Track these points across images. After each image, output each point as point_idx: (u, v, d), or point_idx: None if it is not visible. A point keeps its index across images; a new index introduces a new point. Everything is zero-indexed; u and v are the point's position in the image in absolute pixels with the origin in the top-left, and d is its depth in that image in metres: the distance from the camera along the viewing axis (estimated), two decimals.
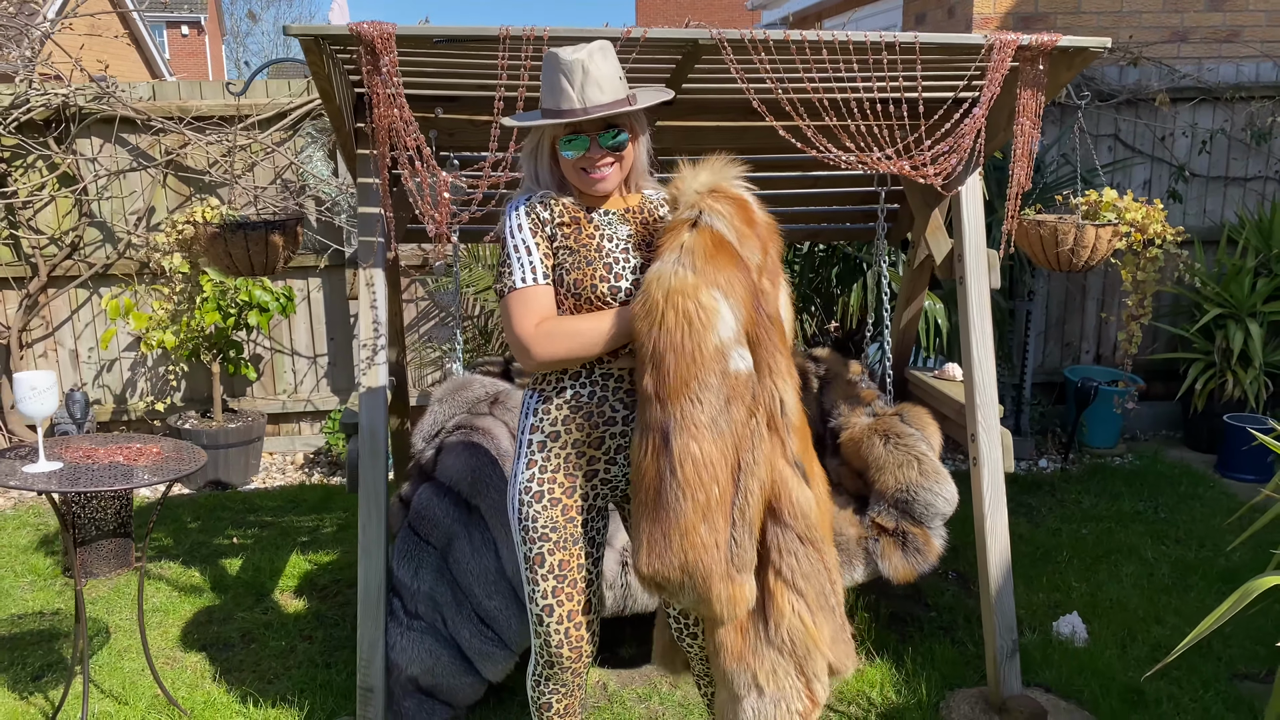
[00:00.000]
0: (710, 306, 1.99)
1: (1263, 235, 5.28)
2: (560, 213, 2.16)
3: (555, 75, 2.08)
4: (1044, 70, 2.76)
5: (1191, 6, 5.94)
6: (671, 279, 2.00)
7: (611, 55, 2.12)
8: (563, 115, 2.08)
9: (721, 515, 1.99)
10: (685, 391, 1.98)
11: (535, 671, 2.34)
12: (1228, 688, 3.19)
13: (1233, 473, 5.04)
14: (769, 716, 2.07)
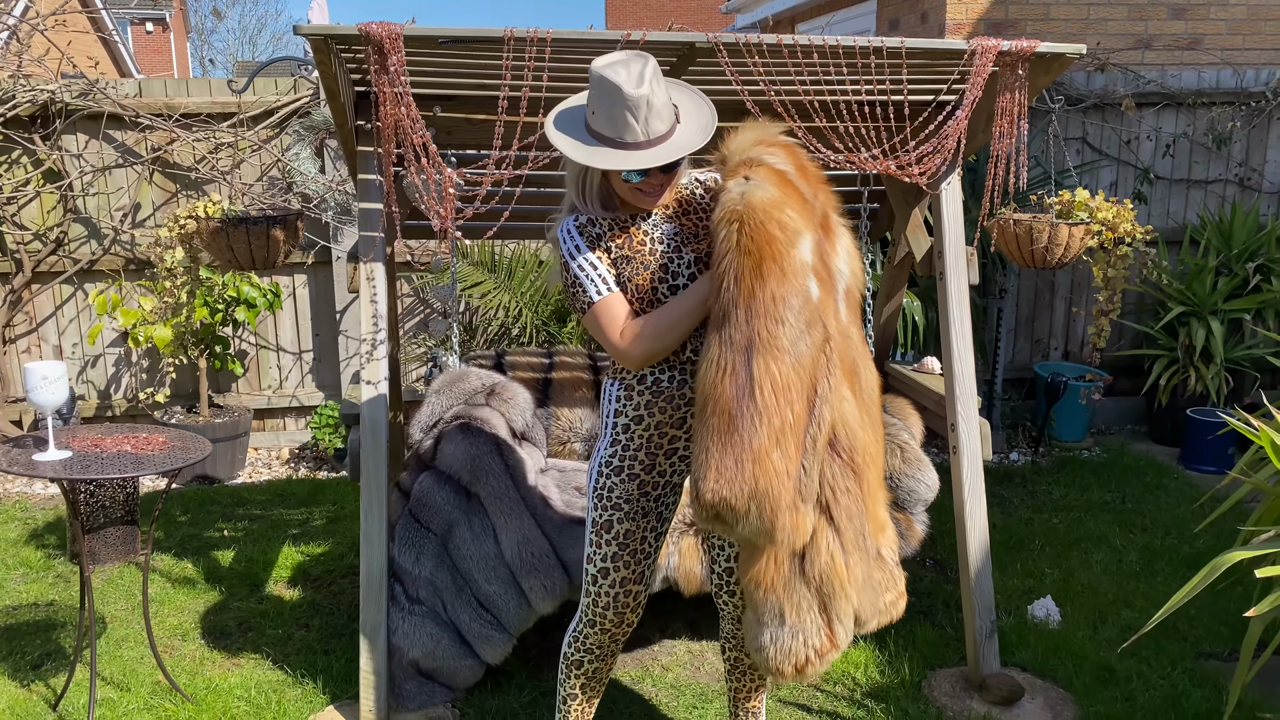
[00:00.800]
0: (795, 221, 2.05)
1: (1223, 236, 5.47)
2: (609, 227, 2.25)
3: (619, 109, 2.11)
4: (1023, 75, 2.89)
5: (1155, 15, 6.13)
6: (756, 192, 2.05)
7: (660, 75, 2.17)
8: (627, 147, 2.13)
9: (794, 442, 1.99)
10: (772, 309, 1.99)
11: (576, 629, 2.44)
12: (1194, 666, 3.34)
13: (1195, 464, 5.23)
14: (785, 647, 2.08)
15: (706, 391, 2.03)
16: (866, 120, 2.94)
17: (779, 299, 2.02)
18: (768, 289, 2.01)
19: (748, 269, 2.02)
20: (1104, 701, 3.13)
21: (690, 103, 2.28)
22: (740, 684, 2.63)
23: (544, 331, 5.22)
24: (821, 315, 2.07)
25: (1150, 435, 5.72)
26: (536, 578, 3.03)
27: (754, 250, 2.03)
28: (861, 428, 2.12)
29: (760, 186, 2.08)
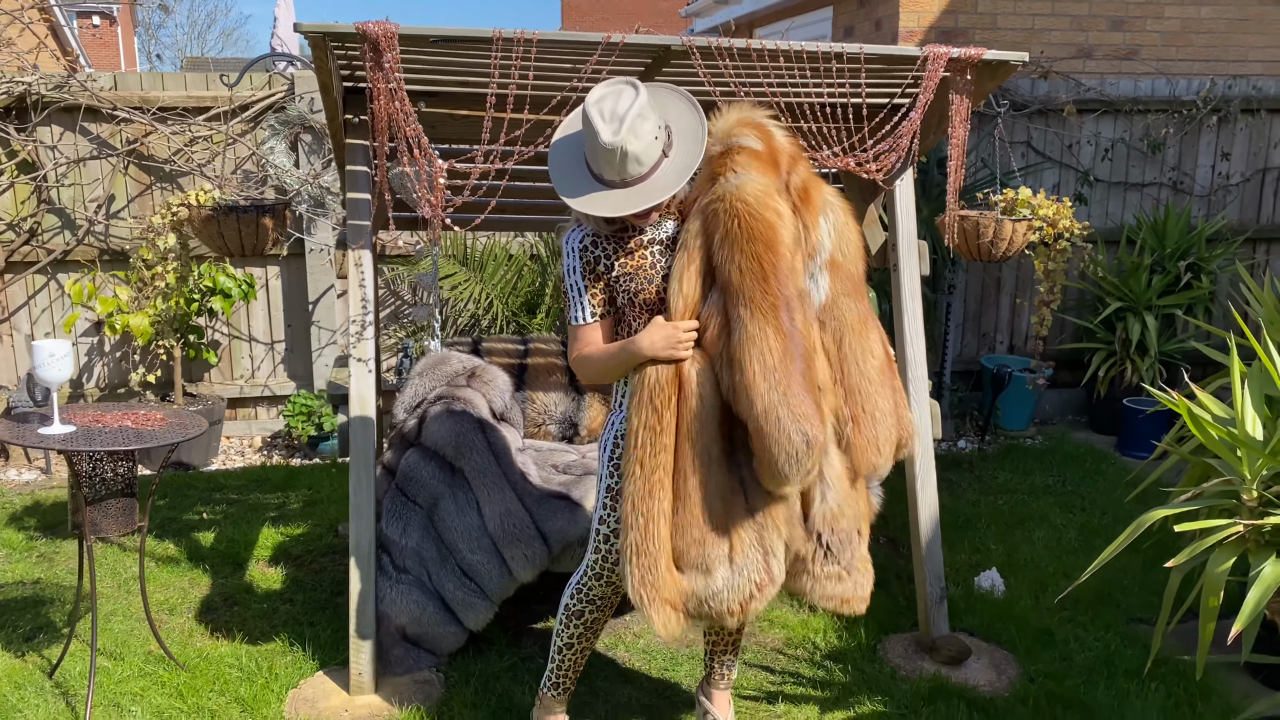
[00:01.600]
0: (784, 210, 2.31)
1: (1157, 236, 5.79)
2: (612, 249, 2.44)
3: (597, 154, 2.31)
4: (971, 80, 3.13)
5: (1095, 26, 6.46)
6: (755, 184, 2.28)
7: (648, 115, 2.32)
8: (611, 185, 2.34)
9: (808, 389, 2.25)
10: (789, 277, 2.27)
11: (580, 582, 2.63)
12: (1125, 630, 3.60)
13: (1131, 451, 5.54)
14: (733, 586, 2.32)
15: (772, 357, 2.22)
16: (828, 120, 3.17)
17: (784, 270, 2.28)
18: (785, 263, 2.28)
19: (765, 250, 2.26)
20: (1044, 661, 3.39)
21: (685, 120, 2.44)
22: (717, 638, 2.84)
23: (514, 322, 5.40)
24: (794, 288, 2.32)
25: (1090, 424, 6.03)
26: (518, 547, 3.21)
27: (775, 235, 2.27)
28: (819, 389, 2.34)
29: (755, 177, 2.30)
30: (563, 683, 2.77)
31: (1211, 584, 2.38)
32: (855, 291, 2.46)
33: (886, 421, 2.44)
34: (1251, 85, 5.94)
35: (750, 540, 2.34)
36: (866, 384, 2.42)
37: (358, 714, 3.03)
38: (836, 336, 2.42)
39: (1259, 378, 2.63)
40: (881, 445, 2.44)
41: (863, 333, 2.44)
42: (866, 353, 2.43)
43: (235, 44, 50.35)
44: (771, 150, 2.38)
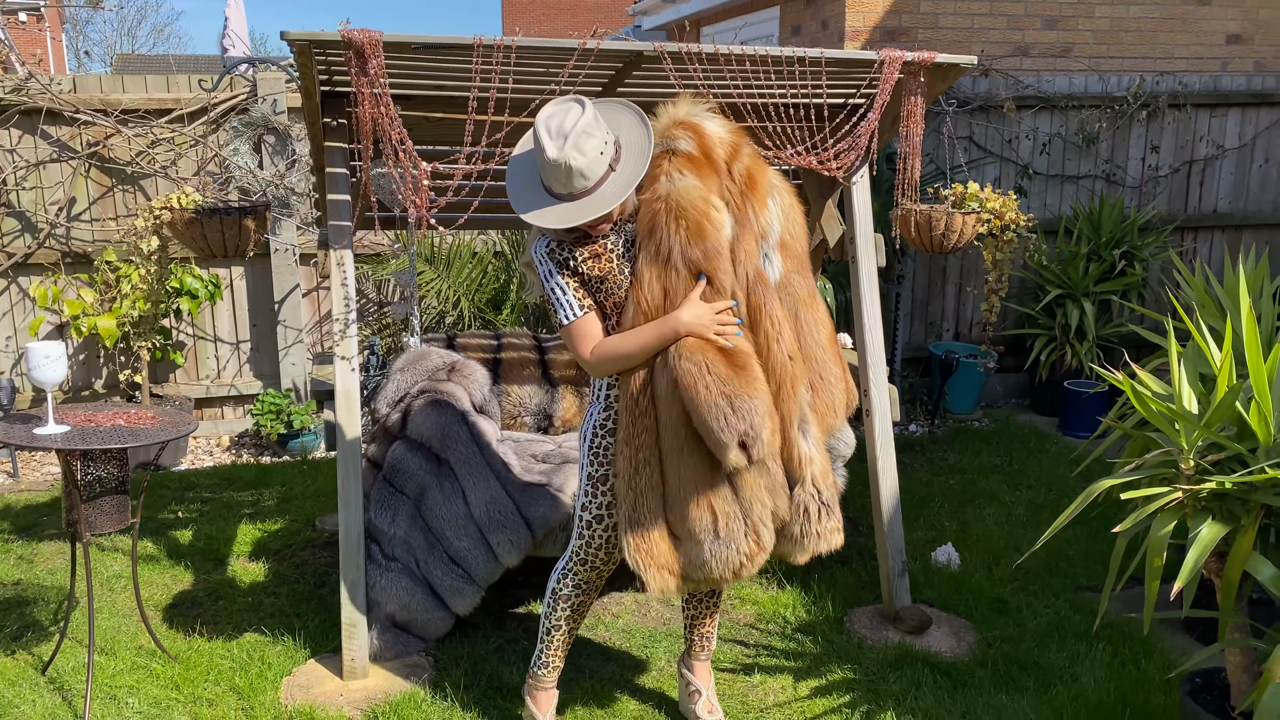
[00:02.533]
0: (719, 208, 2.49)
1: (1093, 226, 6.08)
2: (579, 254, 2.56)
3: (545, 168, 2.46)
4: (924, 81, 3.33)
5: (1031, 25, 6.74)
6: (690, 188, 2.45)
7: (593, 131, 2.45)
8: (558, 198, 2.49)
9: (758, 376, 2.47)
10: (717, 279, 2.45)
11: (565, 567, 2.77)
12: (1073, 597, 3.84)
13: (1072, 431, 5.82)
14: (721, 557, 2.49)
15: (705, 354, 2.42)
16: (792, 120, 3.34)
17: (722, 270, 2.48)
18: (712, 264, 2.48)
19: (699, 249, 2.46)
20: (1000, 628, 3.61)
21: (630, 133, 2.58)
22: (697, 611, 3.00)
23: (480, 319, 5.51)
24: (748, 271, 2.52)
25: (1032, 407, 6.31)
26: (503, 534, 3.34)
27: (705, 234, 2.46)
28: (791, 359, 2.53)
29: (690, 180, 2.48)
30: (552, 661, 2.91)
31: (1155, 546, 2.59)
32: (803, 269, 2.66)
33: (839, 386, 2.66)
34: (1178, 81, 6.26)
35: (734, 513, 2.49)
36: (821, 352, 2.63)
37: (353, 697, 3.14)
38: (792, 310, 2.60)
39: (1193, 357, 2.86)
40: (837, 407, 2.67)
41: (813, 305, 2.65)
42: (818, 324, 2.64)
43: (167, 41, 49.34)
44: (705, 149, 2.54)
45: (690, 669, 3.06)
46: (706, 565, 2.50)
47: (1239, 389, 2.53)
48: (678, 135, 2.55)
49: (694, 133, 2.56)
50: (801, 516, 2.58)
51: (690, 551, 2.51)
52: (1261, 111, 6.39)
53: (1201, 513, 2.57)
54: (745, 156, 2.61)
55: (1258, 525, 2.56)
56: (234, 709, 3.09)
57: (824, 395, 2.62)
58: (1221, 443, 2.57)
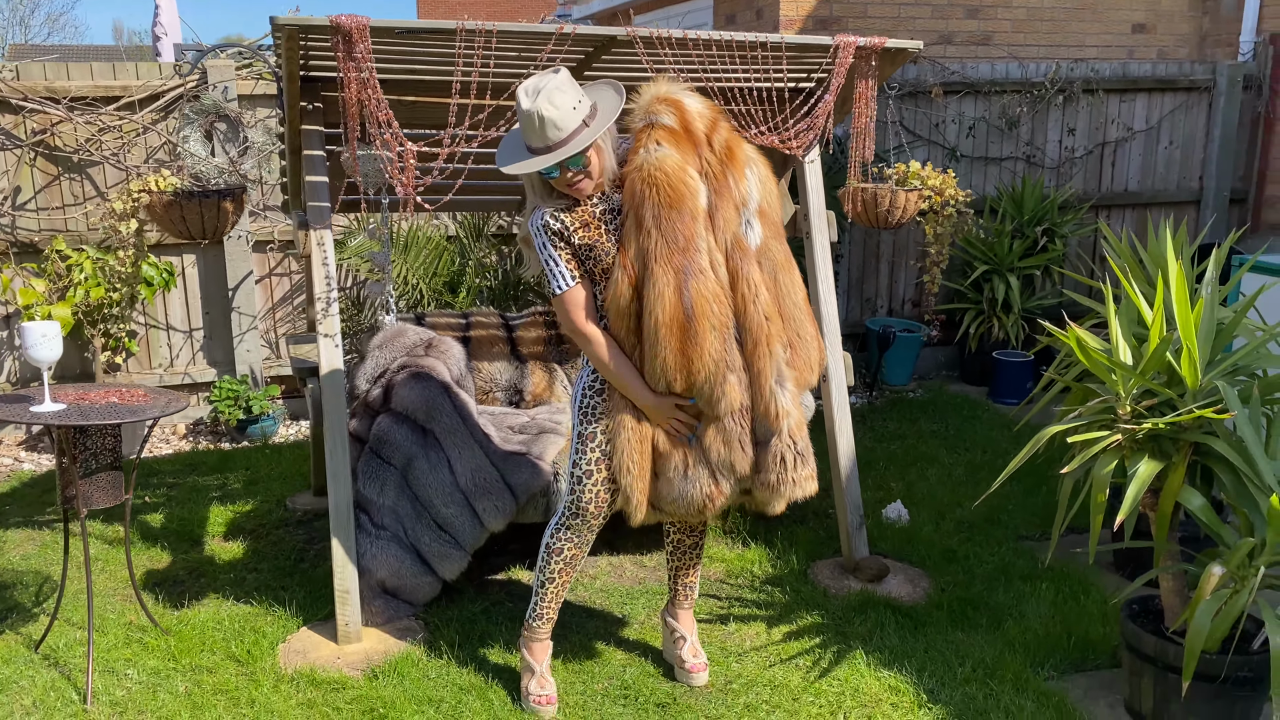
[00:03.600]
0: (695, 177, 2.66)
1: (1016, 205, 6.43)
2: (570, 222, 2.74)
3: (522, 122, 2.66)
4: (875, 65, 3.56)
5: (954, 15, 7.08)
6: (667, 158, 2.63)
7: (566, 89, 2.65)
8: (535, 152, 2.67)
9: (720, 335, 2.65)
10: (692, 243, 2.63)
11: (558, 522, 2.93)
12: (1014, 545, 4.14)
13: (1001, 399, 6.17)
14: (687, 494, 2.76)
15: (662, 310, 2.63)
16: (756, 103, 3.54)
17: (696, 234, 2.67)
18: (688, 229, 2.65)
19: (675, 214, 2.64)
20: (950, 574, 3.88)
21: (607, 100, 2.80)
22: (680, 562, 3.19)
23: (436, 301, 5.62)
24: (726, 238, 2.70)
25: (963, 377, 6.66)
26: (489, 500, 3.49)
27: (682, 199, 2.65)
28: (768, 319, 2.73)
29: (667, 151, 2.66)
30: (546, 613, 3.08)
31: (1099, 483, 2.87)
32: (779, 235, 2.86)
33: (814, 344, 2.85)
34: (1090, 68, 6.65)
35: (695, 459, 2.77)
36: (798, 313, 2.81)
37: (351, 659, 3.26)
38: (771, 274, 2.79)
39: (1127, 312, 3.15)
40: (813, 364, 2.85)
41: (789, 269, 2.83)
42: (794, 286, 2.82)
43: (63, 30, 47.59)
44: (685, 123, 2.73)
45: (675, 617, 3.26)
46: (676, 500, 2.78)
47: (1169, 340, 2.82)
48: (660, 110, 2.73)
49: (675, 108, 2.74)
50: (779, 465, 2.79)
51: (664, 488, 2.80)
52: (1166, 96, 6.83)
53: (1138, 452, 2.86)
54: (724, 130, 2.79)
55: (1187, 461, 2.85)
56: (234, 675, 3.19)
57: (801, 353, 2.82)
58: (1155, 389, 2.85)
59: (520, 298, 5.75)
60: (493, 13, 24.53)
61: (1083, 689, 3.14)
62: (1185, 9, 7.57)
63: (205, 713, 3.01)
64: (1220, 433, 2.79)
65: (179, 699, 3.08)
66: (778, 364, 2.75)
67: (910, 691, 3.10)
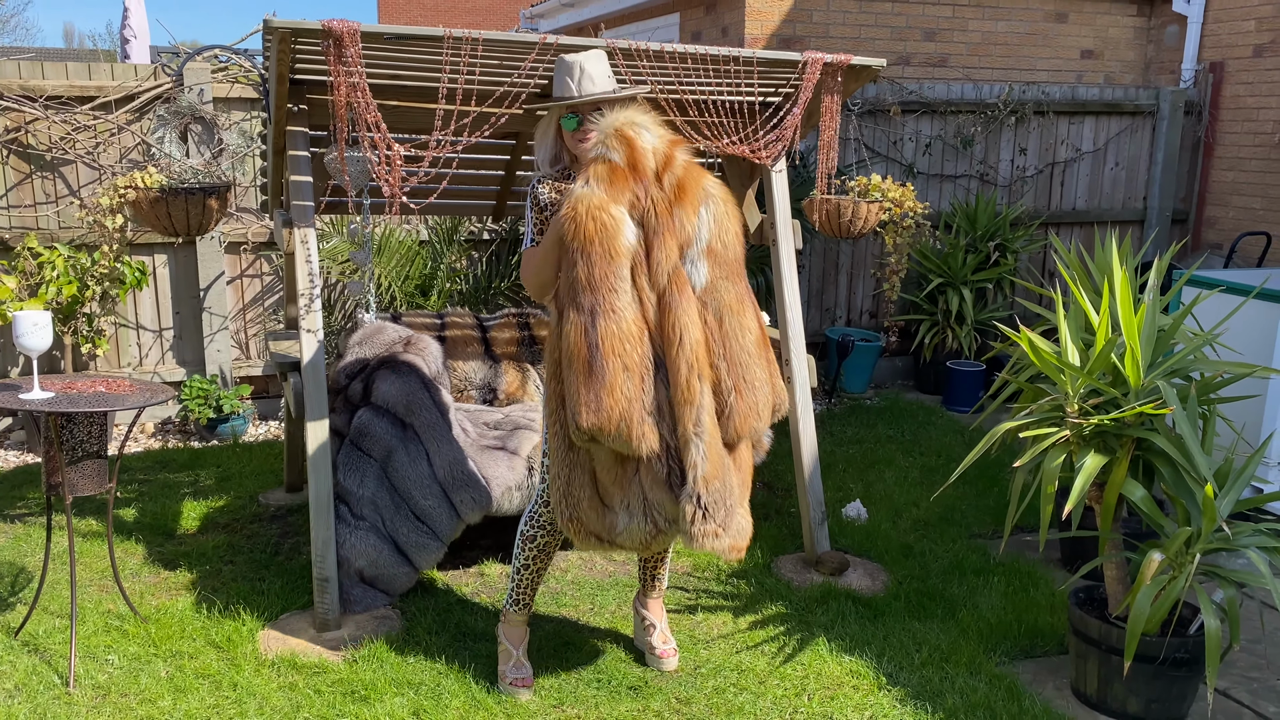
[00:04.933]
0: (618, 217, 2.68)
1: (970, 221, 6.67)
2: (545, 187, 2.95)
3: (561, 73, 2.86)
4: (841, 81, 3.75)
5: (911, 36, 7.32)
6: (589, 197, 2.67)
7: (603, 59, 2.94)
8: (565, 99, 2.87)
9: (638, 376, 2.64)
10: (605, 282, 2.63)
11: (532, 510, 3.05)
12: (968, 542, 4.33)
13: (954, 406, 6.39)
14: (632, 529, 2.76)
15: (569, 348, 2.67)
16: (728, 115, 3.71)
17: (611, 274, 2.65)
18: (600, 269, 2.64)
19: (587, 254, 2.65)
20: (907, 568, 4.05)
21: (629, 90, 3.04)
22: (649, 557, 3.32)
23: (408, 304, 5.71)
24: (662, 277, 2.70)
25: (918, 386, 6.87)
26: (466, 492, 3.60)
27: (592, 239, 2.64)
28: (693, 364, 2.69)
29: (593, 190, 2.70)
30: (523, 599, 3.20)
31: (1049, 475, 3.05)
32: (732, 275, 2.79)
33: (764, 389, 2.81)
34: (1041, 91, 6.92)
35: (635, 495, 2.75)
36: (746, 357, 2.77)
37: (331, 645, 3.34)
38: (718, 315, 2.75)
39: (1075, 318, 3.34)
40: (761, 410, 2.81)
41: (740, 311, 2.79)
42: (744, 330, 2.78)
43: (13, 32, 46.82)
44: (633, 159, 2.74)
45: (645, 606, 3.38)
46: (623, 534, 2.78)
47: (1114, 342, 3.02)
48: (611, 145, 2.76)
49: (627, 145, 2.75)
50: (684, 516, 2.72)
51: (612, 520, 2.78)
52: (1112, 119, 7.13)
53: (1085, 447, 3.05)
54: (678, 167, 2.77)
55: (1130, 456, 3.04)
56: (215, 660, 3.26)
57: (746, 398, 2.76)
58: (1100, 388, 3.04)
59: (490, 301, 5.86)
60: (452, 25, 24.62)
61: (1031, 673, 3.32)
62: (1131, 37, 7.90)
63: (188, 695, 3.08)
64: (1160, 429, 2.99)
65: (161, 683, 3.14)
66: (697, 411, 2.69)
67: (870, 675, 3.26)
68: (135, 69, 5.48)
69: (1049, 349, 3.23)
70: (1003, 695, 3.14)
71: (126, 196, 3.67)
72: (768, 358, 2.85)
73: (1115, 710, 3.07)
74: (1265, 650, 3.49)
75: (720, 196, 2.82)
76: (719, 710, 3.07)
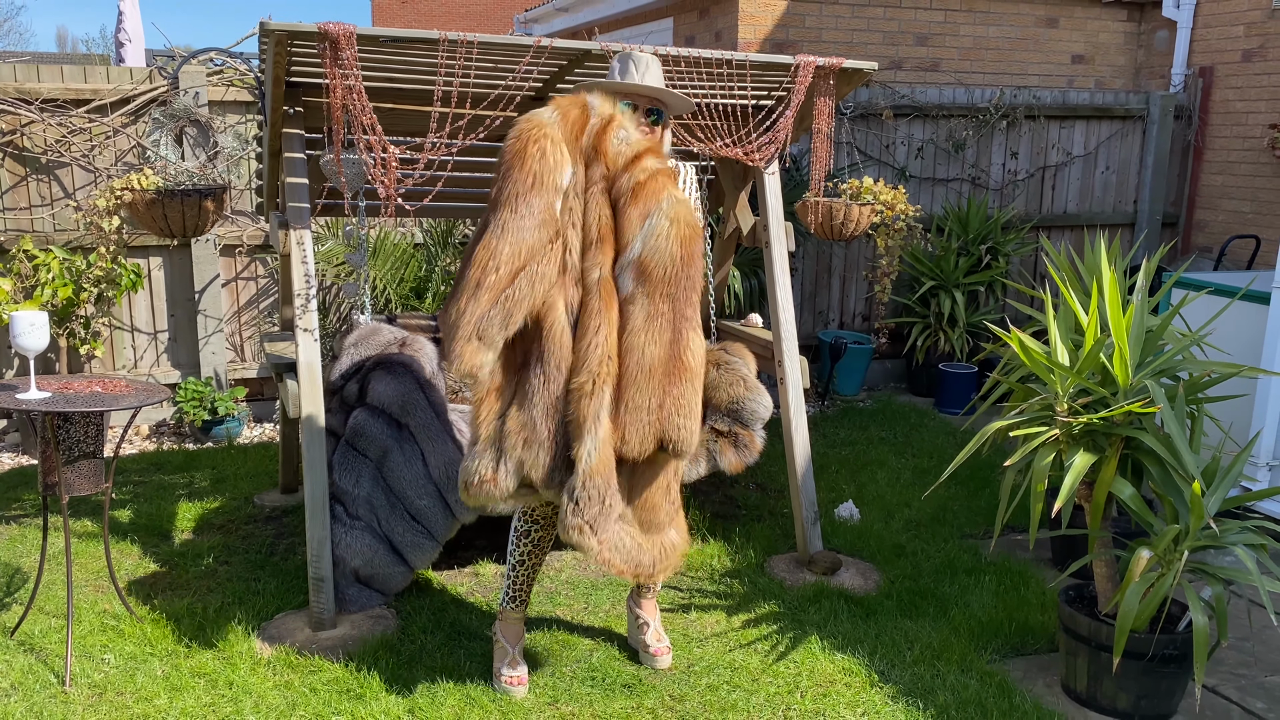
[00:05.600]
0: (563, 152, 2.64)
1: (962, 224, 6.71)
2: None
3: (628, 63, 2.93)
4: (833, 84, 3.78)
5: (904, 41, 7.37)
6: (542, 123, 2.64)
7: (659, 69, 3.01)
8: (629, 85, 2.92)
9: (489, 296, 2.57)
10: (512, 201, 2.59)
11: (526, 508, 3.06)
12: (959, 542, 4.36)
13: (946, 409, 6.42)
14: (467, 468, 2.79)
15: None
16: (722, 118, 3.74)
17: (524, 197, 2.60)
18: (519, 186, 2.60)
19: (513, 168, 2.61)
20: (900, 568, 4.08)
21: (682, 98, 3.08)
22: None
23: (403, 306, 5.73)
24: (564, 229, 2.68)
25: (910, 389, 6.91)
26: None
27: (534, 157, 2.60)
28: (601, 362, 2.66)
29: (551, 119, 2.64)
30: (519, 595, 3.22)
31: (1038, 474, 3.08)
32: (657, 293, 2.67)
33: (645, 417, 2.69)
34: (1032, 95, 6.97)
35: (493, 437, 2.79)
36: (640, 377, 2.68)
37: (326, 645, 3.36)
38: (624, 329, 2.70)
39: (1065, 319, 3.38)
40: (629, 435, 2.69)
41: (649, 330, 2.68)
42: (648, 349, 2.68)
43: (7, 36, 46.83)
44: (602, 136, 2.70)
45: (639, 605, 3.41)
46: (463, 470, 2.82)
47: (1103, 342, 3.05)
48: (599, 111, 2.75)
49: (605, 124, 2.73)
50: (564, 501, 2.72)
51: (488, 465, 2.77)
52: (1103, 124, 7.18)
53: (1074, 446, 3.08)
54: (641, 172, 2.70)
55: (1119, 455, 3.08)
56: (211, 659, 3.28)
57: (622, 417, 2.70)
58: (1090, 388, 3.08)
59: None
60: (446, 29, 24.69)
61: (1022, 670, 3.34)
62: (1121, 42, 7.95)
63: (184, 694, 3.09)
64: (1149, 428, 3.02)
65: (157, 681, 3.15)
66: (597, 407, 2.68)
67: (863, 672, 3.28)
68: (130, 72, 5.50)
69: (1039, 349, 3.26)
70: (994, 692, 3.16)
71: (123, 198, 3.68)
72: (669, 389, 2.71)
73: (1105, 707, 3.10)
74: (1253, 647, 3.52)
75: (672, 214, 2.68)
76: (712, 707, 3.09)
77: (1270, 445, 4.52)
